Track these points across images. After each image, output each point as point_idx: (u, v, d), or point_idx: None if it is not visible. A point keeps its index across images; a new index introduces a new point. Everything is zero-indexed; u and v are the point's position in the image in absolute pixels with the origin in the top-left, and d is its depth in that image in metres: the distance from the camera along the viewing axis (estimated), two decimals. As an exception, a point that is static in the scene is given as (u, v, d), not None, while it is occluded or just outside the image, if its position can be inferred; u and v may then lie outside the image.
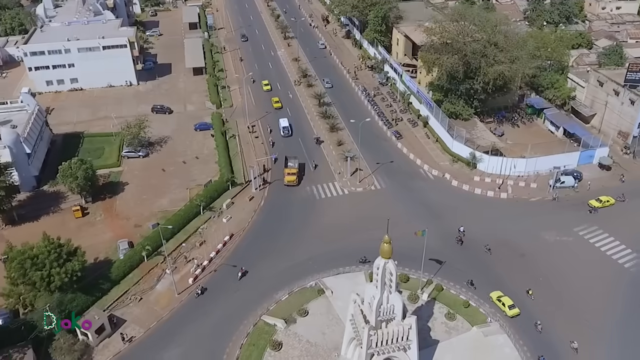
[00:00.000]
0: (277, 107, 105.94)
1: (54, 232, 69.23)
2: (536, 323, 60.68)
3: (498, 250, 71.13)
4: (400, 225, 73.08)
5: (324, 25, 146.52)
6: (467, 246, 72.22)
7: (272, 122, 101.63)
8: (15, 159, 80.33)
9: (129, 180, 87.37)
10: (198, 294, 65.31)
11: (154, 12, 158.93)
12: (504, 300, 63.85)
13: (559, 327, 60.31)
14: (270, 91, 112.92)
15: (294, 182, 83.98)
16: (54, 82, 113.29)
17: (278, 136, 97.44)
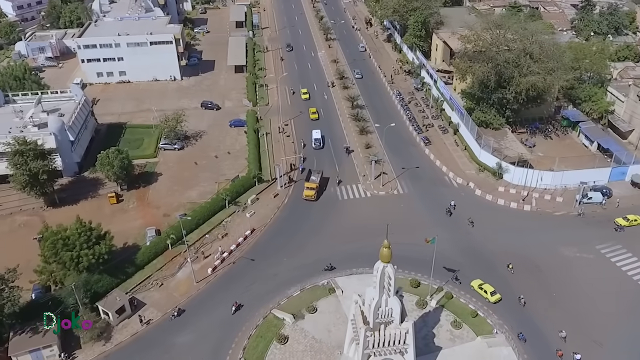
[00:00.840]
0: (313, 119, 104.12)
1: (90, 216, 74.60)
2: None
3: (514, 262, 70.73)
4: (418, 230, 74.46)
5: (366, 28, 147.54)
6: (483, 256, 72.24)
7: (306, 134, 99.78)
8: (59, 145, 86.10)
9: (163, 171, 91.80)
10: (174, 316, 64.50)
11: (204, 10, 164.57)
12: (485, 287, 66.32)
13: (568, 345, 59.87)
14: (309, 100, 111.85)
15: (312, 198, 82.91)
16: (104, 74, 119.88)
17: (310, 149, 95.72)
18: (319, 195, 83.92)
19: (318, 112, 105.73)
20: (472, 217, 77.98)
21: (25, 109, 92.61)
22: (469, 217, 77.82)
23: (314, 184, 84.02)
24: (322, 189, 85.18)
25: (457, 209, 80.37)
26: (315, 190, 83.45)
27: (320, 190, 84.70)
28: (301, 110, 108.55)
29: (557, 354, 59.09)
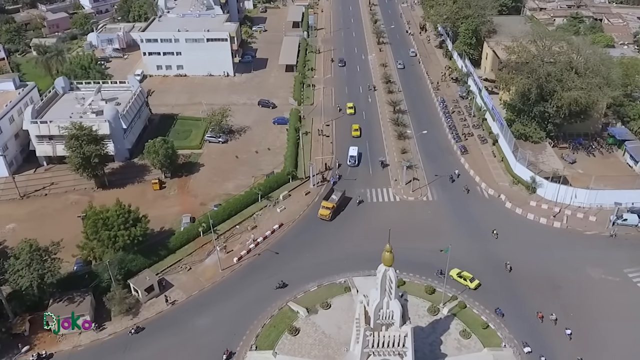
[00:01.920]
0: (355, 136, 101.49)
1: (134, 200, 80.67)
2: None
3: (535, 278, 70.26)
4: (440, 238, 75.36)
5: (420, 33, 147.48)
6: (503, 269, 72.07)
7: (345, 141, 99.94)
8: (112, 132, 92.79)
9: (205, 163, 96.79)
10: (132, 332, 65.03)
11: (265, 9, 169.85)
12: (464, 274, 69.76)
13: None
14: (354, 115, 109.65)
15: (327, 218, 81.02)
16: (163, 67, 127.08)
17: (345, 167, 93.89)
18: (335, 216, 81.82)
19: (360, 130, 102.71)
20: (498, 230, 77.73)
21: (86, 96, 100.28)
22: (493, 230, 77.68)
23: (332, 204, 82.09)
24: (340, 209, 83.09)
25: (483, 220, 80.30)
26: (332, 210, 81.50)
27: (338, 210, 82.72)
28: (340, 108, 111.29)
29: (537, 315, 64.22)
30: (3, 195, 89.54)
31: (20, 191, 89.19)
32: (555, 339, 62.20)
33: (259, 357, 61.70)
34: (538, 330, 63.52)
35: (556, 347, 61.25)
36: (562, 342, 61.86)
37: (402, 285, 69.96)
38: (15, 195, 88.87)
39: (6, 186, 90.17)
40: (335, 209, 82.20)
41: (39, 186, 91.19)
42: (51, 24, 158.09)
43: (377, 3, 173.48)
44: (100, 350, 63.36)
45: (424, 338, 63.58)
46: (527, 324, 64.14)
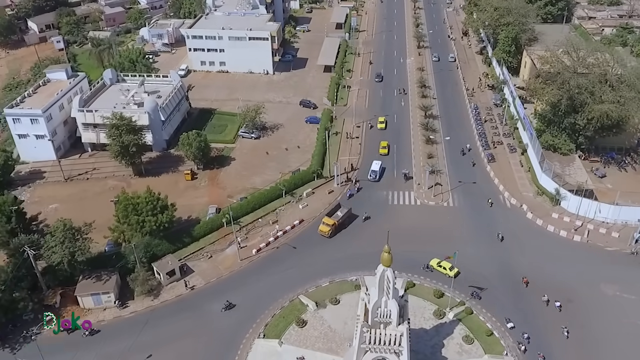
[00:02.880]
0: (382, 153, 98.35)
1: (166, 188, 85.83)
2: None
3: (546, 290, 69.91)
4: (455, 243, 76.31)
5: (462, 38, 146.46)
6: (515, 279, 72.14)
7: (370, 156, 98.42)
8: (151, 123, 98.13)
9: (237, 157, 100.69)
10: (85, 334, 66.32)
11: (310, 9, 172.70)
12: (443, 264, 72.87)
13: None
14: (384, 130, 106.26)
15: (326, 234, 79.92)
16: (207, 63, 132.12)
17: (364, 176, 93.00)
18: (336, 233, 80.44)
19: (389, 147, 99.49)
20: (516, 238, 77.81)
21: (131, 88, 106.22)
22: (498, 233, 78.88)
23: (333, 221, 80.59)
24: (342, 226, 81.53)
25: (501, 229, 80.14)
26: (332, 227, 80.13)
27: (341, 227, 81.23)
28: (376, 114, 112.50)
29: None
30: (49, 177, 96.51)
31: (65, 174, 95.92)
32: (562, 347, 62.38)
33: (266, 345, 64.68)
34: (543, 337, 63.78)
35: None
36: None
37: (411, 288, 71.59)
38: (60, 177, 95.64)
39: (53, 169, 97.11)
40: (337, 227, 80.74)
41: (82, 170, 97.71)
42: (108, 18, 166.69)
43: (422, 7, 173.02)
44: (121, 326, 68.13)
45: (426, 340, 64.94)
46: (535, 336, 64.49)
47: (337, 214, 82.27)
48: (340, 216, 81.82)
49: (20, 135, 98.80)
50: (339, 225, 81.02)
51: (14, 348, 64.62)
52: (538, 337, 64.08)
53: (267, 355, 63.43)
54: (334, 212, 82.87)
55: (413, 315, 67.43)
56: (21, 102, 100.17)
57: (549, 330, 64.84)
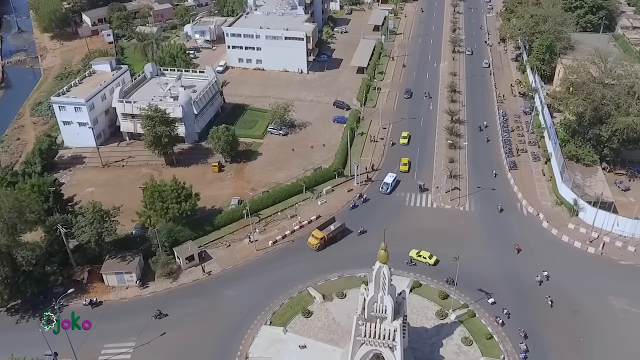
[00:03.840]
0: (403, 171, 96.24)
1: (194, 179, 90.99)
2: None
3: (553, 299, 70.34)
4: (467, 247, 77.58)
5: (498, 44, 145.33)
6: (523, 286, 72.97)
7: (393, 159, 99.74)
8: (184, 116, 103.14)
9: (263, 152, 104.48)
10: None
11: (350, 11, 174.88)
12: (422, 253, 76.83)
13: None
14: (407, 145, 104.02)
15: (314, 247, 79.93)
16: (244, 60, 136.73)
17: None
18: (325, 247, 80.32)
19: (409, 164, 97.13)
20: (529, 248, 78.23)
21: (169, 82, 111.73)
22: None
23: (322, 234, 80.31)
24: (333, 240, 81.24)
25: (514, 235, 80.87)
26: (321, 241, 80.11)
27: (331, 241, 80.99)
28: (403, 117, 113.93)
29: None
30: (89, 162, 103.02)
31: (102, 160, 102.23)
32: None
33: (271, 332, 67.97)
34: (546, 344, 64.47)
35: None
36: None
37: (417, 288, 73.48)
38: (99, 163, 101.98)
39: (92, 155, 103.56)
40: (326, 241, 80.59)
41: (119, 158, 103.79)
42: (157, 14, 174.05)
43: (462, 12, 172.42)
44: (140, 304, 72.92)
45: (426, 339, 66.65)
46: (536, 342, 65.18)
47: (330, 228, 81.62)
48: (332, 230, 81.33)
49: (65, 122, 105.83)
50: (329, 239, 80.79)
51: (43, 317, 70.33)
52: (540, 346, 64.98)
53: (271, 341, 66.72)
54: (327, 225, 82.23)
55: (416, 314, 69.71)
56: (67, 91, 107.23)
57: (559, 340, 65.53)
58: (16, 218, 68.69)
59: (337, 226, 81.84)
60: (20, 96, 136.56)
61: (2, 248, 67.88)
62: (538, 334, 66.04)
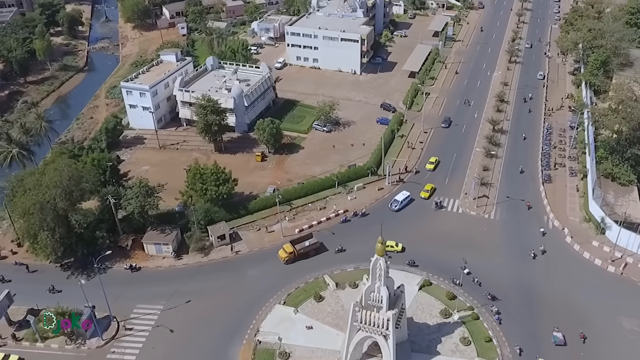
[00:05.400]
0: (423, 197, 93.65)
1: (238, 166, 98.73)
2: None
3: (562, 314, 71.32)
4: (482, 253, 79.53)
5: (558, 55, 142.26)
6: (533, 296, 74.17)
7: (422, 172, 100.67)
8: (236, 107, 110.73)
9: (306, 146, 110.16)
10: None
11: (413, 15, 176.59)
12: (389, 243, 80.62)
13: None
14: (432, 171, 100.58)
15: (283, 259, 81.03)
16: (302, 58, 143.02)
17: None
18: (295, 261, 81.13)
19: (432, 191, 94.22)
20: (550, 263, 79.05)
21: (226, 75, 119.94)
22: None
23: (292, 249, 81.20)
24: (305, 256, 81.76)
25: (534, 247, 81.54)
26: (290, 255, 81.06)
27: (302, 256, 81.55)
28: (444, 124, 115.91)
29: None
30: (148, 143, 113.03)
31: (160, 142, 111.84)
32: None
33: (283, 311, 73.53)
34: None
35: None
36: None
37: (428, 286, 76.38)
38: (156, 145, 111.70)
39: (152, 137, 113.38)
40: (296, 256, 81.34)
41: (175, 141, 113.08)
42: (229, 10, 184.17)
43: (527, 21, 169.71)
44: (173, 273, 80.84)
45: (426, 334, 69.64)
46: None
47: (304, 243, 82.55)
48: (306, 246, 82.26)
49: (131, 105, 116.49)
50: (299, 255, 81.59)
51: (89, 276, 79.57)
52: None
53: (282, 319, 72.27)
54: (302, 241, 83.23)
55: (421, 310, 72.88)
56: (135, 78, 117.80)
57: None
58: (73, 186, 78.26)
59: (311, 243, 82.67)
60: (99, 79, 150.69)
61: (60, 211, 77.59)
62: (540, 339, 67.52)
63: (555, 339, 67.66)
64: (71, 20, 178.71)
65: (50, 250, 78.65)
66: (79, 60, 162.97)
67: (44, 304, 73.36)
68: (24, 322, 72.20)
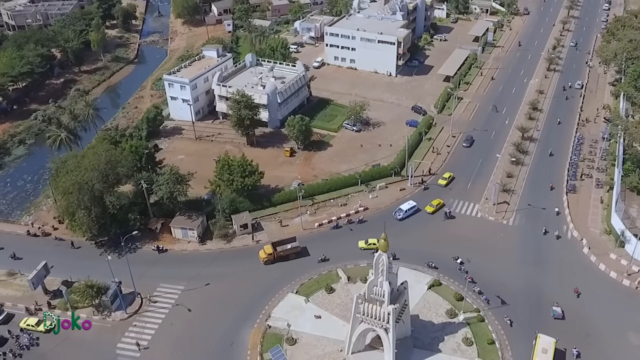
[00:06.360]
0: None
1: (267, 159, 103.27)
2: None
3: (570, 324, 71.70)
4: (495, 259, 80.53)
5: (599, 64, 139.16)
6: (541, 303, 74.71)
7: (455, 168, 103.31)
8: (269, 103, 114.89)
9: (334, 144, 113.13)
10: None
11: (456, 20, 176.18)
12: (370, 241, 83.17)
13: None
14: (444, 187, 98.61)
15: (262, 260, 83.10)
16: (339, 58, 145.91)
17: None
18: (274, 263, 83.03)
19: (439, 208, 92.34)
20: (564, 273, 79.00)
21: (263, 72, 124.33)
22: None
23: (271, 251, 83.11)
24: (285, 259, 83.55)
25: (549, 257, 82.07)
26: (269, 257, 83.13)
27: (281, 259, 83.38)
28: (475, 128, 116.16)
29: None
30: (185, 134, 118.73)
31: (196, 134, 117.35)
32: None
33: (295, 299, 76.97)
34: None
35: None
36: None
37: (437, 286, 78.00)
38: (193, 136, 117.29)
39: (189, 128, 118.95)
40: (275, 258, 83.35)
41: (210, 133, 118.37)
42: (274, 9, 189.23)
43: (572, 29, 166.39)
44: (196, 257, 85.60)
45: (430, 332, 71.45)
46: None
47: (286, 246, 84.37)
48: (287, 249, 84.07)
49: (172, 97, 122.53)
50: (279, 257, 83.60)
51: (120, 255, 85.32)
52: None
53: (293, 307, 75.72)
54: (284, 243, 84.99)
55: (428, 309, 74.73)
56: (177, 71, 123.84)
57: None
58: (109, 169, 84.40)
59: (293, 246, 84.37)
60: (147, 71, 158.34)
61: (96, 192, 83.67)
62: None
63: (555, 313, 72.45)
64: (126, 14, 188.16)
65: (86, 228, 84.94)
66: (130, 52, 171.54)
67: (76, 277, 79.75)
68: (57, 292, 78.79)
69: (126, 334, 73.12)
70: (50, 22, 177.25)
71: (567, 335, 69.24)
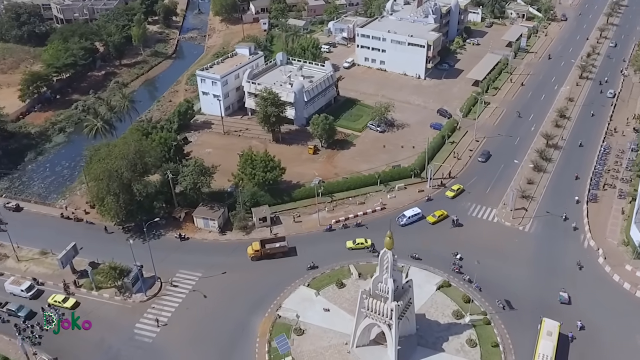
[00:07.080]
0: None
1: (291, 156, 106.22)
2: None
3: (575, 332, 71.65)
4: (507, 265, 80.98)
5: (635, 73, 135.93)
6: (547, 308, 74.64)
7: (471, 173, 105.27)
8: (295, 101, 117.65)
9: (357, 144, 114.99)
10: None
11: (490, 24, 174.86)
12: (358, 240, 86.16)
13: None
14: (451, 199, 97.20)
15: (250, 256, 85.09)
16: (369, 59, 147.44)
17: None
18: (260, 259, 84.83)
19: (440, 219, 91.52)
20: (576, 282, 78.69)
21: (292, 71, 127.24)
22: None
23: (258, 248, 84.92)
24: (271, 257, 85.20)
25: (563, 265, 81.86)
26: (256, 254, 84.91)
27: (268, 256, 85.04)
28: (500, 133, 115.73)
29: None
30: (215, 128, 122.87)
31: (225, 128, 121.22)
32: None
33: (306, 292, 79.41)
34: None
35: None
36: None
37: (447, 287, 79.05)
38: (221, 130, 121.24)
39: (218, 123, 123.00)
40: (261, 255, 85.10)
41: (238, 128, 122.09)
42: (310, 9, 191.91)
43: (609, 37, 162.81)
44: (216, 247, 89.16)
45: (435, 331, 72.69)
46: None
47: (274, 245, 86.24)
48: (275, 247, 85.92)
49: (203, 93, 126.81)
50: (265, 255, 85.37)
51: (145, 240, 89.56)
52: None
53: (303, 299, 78.20)
54: (273, 242, 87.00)
55: (435, 309, 75.96)
56: (210, 67, 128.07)
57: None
58: (138, 159, 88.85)
59: (281, 245, 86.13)
60: (183, 67, 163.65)
61: (124, 180, 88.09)
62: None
63: (561, 298, 75.98)
64: (167, 10, 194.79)
65: (114, 214, 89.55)
66: (169, 47, 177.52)
67: (103, 259, 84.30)
68: (84, 272, 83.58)
69: (145, 315, 77.21)
70: (95, 16, 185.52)
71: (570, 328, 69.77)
